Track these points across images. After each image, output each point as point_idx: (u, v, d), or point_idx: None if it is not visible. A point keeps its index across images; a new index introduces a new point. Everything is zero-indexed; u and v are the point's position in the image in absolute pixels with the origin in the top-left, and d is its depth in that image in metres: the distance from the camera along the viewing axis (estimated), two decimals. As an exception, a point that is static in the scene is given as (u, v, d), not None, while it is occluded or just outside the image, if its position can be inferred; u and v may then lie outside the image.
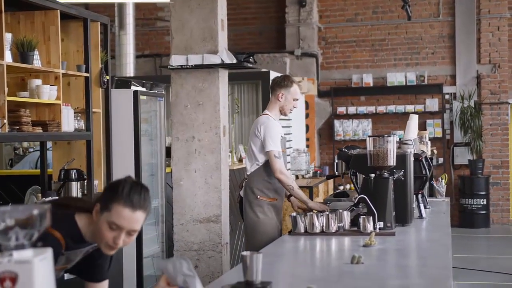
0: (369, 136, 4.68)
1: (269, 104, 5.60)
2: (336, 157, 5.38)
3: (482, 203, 12.71)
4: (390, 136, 4.63)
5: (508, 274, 8.70)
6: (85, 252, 2.96)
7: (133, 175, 6.53)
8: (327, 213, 4.53)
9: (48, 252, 1.85)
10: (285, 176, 5.34)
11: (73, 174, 5.65)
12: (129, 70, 11.45)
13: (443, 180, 6.71)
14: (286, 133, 10.43)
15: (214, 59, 5.79)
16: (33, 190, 6.08)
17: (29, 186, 6.18)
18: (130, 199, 2.75)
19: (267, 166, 5.38)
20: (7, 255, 1.80)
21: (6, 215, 1.81)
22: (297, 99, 5.54)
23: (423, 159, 5.29)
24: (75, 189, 5.62)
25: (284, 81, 5.53)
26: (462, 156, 13.09)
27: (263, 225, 5.45)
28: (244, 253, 2.82)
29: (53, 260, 2.76)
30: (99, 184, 6.09)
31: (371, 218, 4.40)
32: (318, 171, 11.05)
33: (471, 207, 12.73)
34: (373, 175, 4.60)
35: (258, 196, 5.46)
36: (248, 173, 5.55)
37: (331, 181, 11.16)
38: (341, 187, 10.40)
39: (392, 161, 4.60)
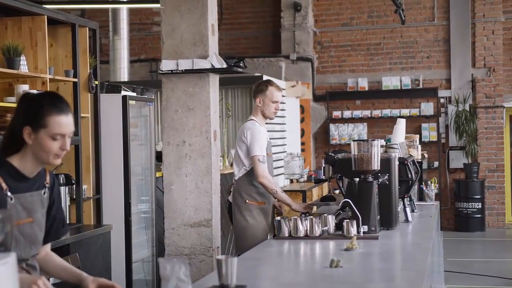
0: (353, 140, 4.70)
1: (253, 110, 5.67)
2: (323, 161, 5.39)
3: (477, 207, 12.71)
4: (374, 140, 4.64)
5: (503, 278, 8.70)
6: (37, 196, 2.95)
7: (122, 179, 6.56)
8: (311, 217, 4.54)
9: (11, 257, 1.86)
10: (267, 180, 5.37)
11: (61, 179, 5.66)
12: (123, 75, 11.47)
13: (432, 184, 6.71)
14: (281, 137, 10.49)
15: (204, 64, 5.79)
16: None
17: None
18: (59, 107, 2.85)
19: (254, 171, 5.42)
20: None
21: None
22: (276, 101, 5.56)
23: (410, 163, 5.29)
24: (64, 194, 5.63)
25: (259, 86, 5.60)
26: (458, 160, 13.09)
27: (252, 229, 5.49)
28: (219, 257, 2.86)
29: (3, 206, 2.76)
30: (87, 189, 6.11)
31: (354, 222, 4.41)
32: (313, 175, 11.04)
33: (466, 210, 12.73)
34: (357, 179, 4.61)
35: (247, 201, 5.49)
36: (236, 178, 5.59)
37: (325, 185, 11.15)
38: (337, 191, 10.38)
39: (376, 165, 4.60)
